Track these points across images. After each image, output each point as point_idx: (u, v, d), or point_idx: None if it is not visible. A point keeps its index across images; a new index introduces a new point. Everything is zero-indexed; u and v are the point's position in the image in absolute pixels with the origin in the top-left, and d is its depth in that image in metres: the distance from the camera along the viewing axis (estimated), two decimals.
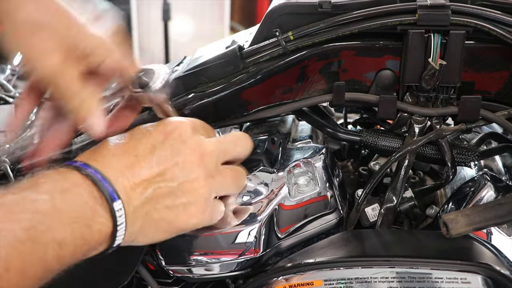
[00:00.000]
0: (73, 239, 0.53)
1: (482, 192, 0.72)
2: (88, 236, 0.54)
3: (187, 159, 0.61)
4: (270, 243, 0.70)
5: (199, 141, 0.63)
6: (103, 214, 0.55)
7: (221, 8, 4.07)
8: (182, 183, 0.61)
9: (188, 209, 0.62)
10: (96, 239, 0.55)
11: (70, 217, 0.53)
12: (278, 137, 0.85)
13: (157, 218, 0.60)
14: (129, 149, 0.60)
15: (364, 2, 0.72)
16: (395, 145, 0.78)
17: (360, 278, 0.64)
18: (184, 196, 0.61)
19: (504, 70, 0.74)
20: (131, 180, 0.58)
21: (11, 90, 1.30)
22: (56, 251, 0.51)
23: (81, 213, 0.54)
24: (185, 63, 0.82)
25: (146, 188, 0.58)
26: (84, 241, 0.54)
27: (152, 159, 0.59)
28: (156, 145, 0.61)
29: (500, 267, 0.64)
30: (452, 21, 0.69)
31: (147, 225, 0.60)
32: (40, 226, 0.51)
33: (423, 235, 0.74)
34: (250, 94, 0.76)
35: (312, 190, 0.72)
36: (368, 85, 0.77)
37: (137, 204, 0.58)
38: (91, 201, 0.55)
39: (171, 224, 0.62)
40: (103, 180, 0.56)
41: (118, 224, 0.56)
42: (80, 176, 0.56)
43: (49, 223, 0.51)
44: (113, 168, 0.57)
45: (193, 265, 0.71)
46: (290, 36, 0.73)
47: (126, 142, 0.61)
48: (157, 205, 0.60)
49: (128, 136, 0.62)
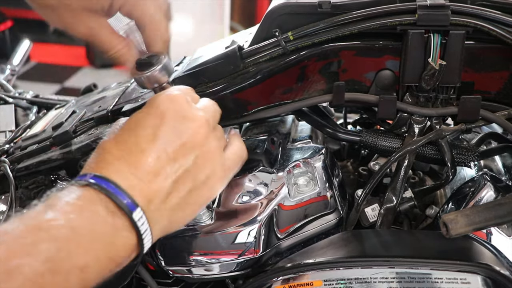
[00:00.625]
0: (97, 260, 0.50)
1: (482, 192, 0.72)
2: (113, 254, 0.52)
3: (193, 134, 0.59)
4: (269, 243, 0.70)
5: (197, 112, 0.61)
6: (124, 227, 0.52)
7: (221, 8, 4.07)
8: (195, 160, 0.58)
9: (208, 183, 0.60)
10: (122, 254, 0.53)
11: (90, 239, 0.50)
12: (277, 137, 0.85)
13: (184, 205, 0.58)
14: (132, 146, 0.57)
15: (364, 2, 0.72)
16: (395, 145, 0.78)
17: (360, 278, 0.64)
18: (202, 172, 0.59)
19: (504, 70, 0.74)
20: (145, 179, 0.55)
21: (11, 90, 1.30)
22: (79, 277, 0.49)
23: (101, 231, 0.51)
24: (185, 63, 0.82)
25: (163, 182, 0.56)
26: (109, 260, 0.52)
27: (159, 148, 0.57)
28: (156, 132, 0.58)
29: (500, 267, 0.64)
30: (452, 21, 0.69)
31: (175, 216, 0.58)
32: (59, 254, 0.48)
33: (423, 235, 0.74)
34: (250, 94, 0.76)
35: (312, 190, 0.72)
36: (368, 85, 0.77)
37: (158, 202, 0.55)
38: (109, 216, 0.52)
39: (197, 204, 0.61)
40: (117, 191, 0.53)
41: (142, 233, 0.53)
42: (93, 192, 0.53)
43: (69, 249, 0.49)
44: (123, 172, 0.55)
45: (192, 265, 0.71)
46: (290, 36, 0.73)
47: (126, 139, 0.58)
48: (180, 193, 0.57)
49: (123, 132, 0.59)
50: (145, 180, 0.55)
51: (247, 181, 0.72)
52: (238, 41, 0.79)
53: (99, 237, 0.51)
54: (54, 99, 1.23)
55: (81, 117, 0.88)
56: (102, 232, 0.51)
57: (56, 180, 0.83)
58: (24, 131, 1.01)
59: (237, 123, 0.83)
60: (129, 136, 0.58)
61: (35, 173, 0.84)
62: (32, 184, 0.84)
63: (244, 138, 0.84)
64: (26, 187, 0.84)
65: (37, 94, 1.27)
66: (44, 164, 0.83)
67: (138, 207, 0.53)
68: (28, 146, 0.90)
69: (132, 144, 0.57)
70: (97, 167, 0.56)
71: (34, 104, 1.22)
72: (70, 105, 1.02)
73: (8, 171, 0.83)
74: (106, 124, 0.84)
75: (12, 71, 1.44)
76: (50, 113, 1.06)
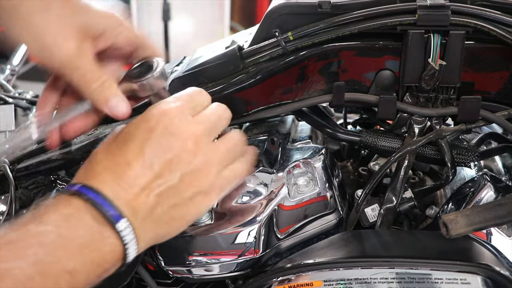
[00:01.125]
0: (85, 265, 0.52)
1: (482, 193, 0.72)
2: (100, 260, 0.53)
3: (181, 151, 0.58)
4: (269, 244, 0.70)
5: (188, 127, 0.59)
6: (110, 235, 0.54)
7: (221, 8, 4.07)
8: (182, 177, 0.58)
9: (195, 200, 0.59)
10: (109, 260, 0.54)
11: (77, 244, 0.52)
12: (277, 137, 0.85)
13: (168, 219, 0.58)
14: (119, 157, 0.57)
15: (364, 2, 0.72)
16: (395, 145, 0.78)
17: (360, 278, 0.64)
18: (188, 189, 0.58)
19: (504, 70, 0.74)
20: (130, 191, 0.55)
21: (11, 90, 1.30)
22: (68, 281, 0.50)
23: (88, 238, 0.52)
24: (185, 63, 0.82)
25: (148, 195, 0.56)
26: (96, 265, 0.53)
27: (144, 162, 0.56)
28: (144, 145, 0.57)
29: (500, 268, 0.64)
30: (452, 21, 0.69)
31: (160, 229, 0.59)
32: (48, 258, 0.49)
33: (423, 236, 0.74)
34: (250, 94, 0.76)
35: (312, 191, 0.71)
36: (368, 85, 0.77)
37: (144, 214, 0.56)
38: (95, 224, 0.53)
39: (183, 219, 0.60)
40: (103, 202, 0.54)
41: (127, 242, 0.54)
42: (80, 201, 0.54)
43: (57, 254, 0.50)
44: (110, 183, 0.55)
45: (192, 265, 0.71)
46: (290, 36, 0.73)
47: (114, 151, 0.58)
48: (164, 207, 0.57)
49: (114, 143, 0.59)
50: (130, 192, 0.56)
51: (247, 181, 0.72)
52: (238, 41, 0.79)
53: (86, 243, 0.52)
54: None
55: None
56: (88, 238, 0.53)
57: (56, 180, 0.83)
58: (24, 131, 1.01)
59: (237, 123, 0.84)
60: (118, 148, 0.58)
61: (35, 173, 0.84)
62: (32, 184, 0.84)
63: None
64: (26, 187, 0.84)
65: (37, 94, 1.27)
66: (44, 164, 0.83)
67: (124, 218, 0.54)
68: (29, 145, 0.90)
69: (120, 156, 0.57)
70: (86, 177, 0.57)
71: (34, 104, 1.22)
72: None
73: (8, 171, 0.83)
74: (106, 124, 0.84)
75: (12, 71, 1.44)
76: None
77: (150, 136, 0.58)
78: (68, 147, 0.83)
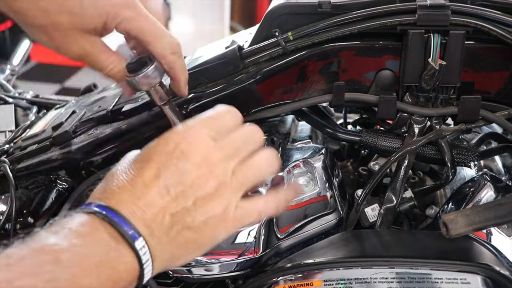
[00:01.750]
0: (100, 283, 0.51)
1: (482, 193, 0.72)
2: (116, 278, 0.53)
3: (194, 177, 0.58)
4: (269, 244, 0.70)
5: (204, 152, 0.59)
6: (126, 254, 0.53)
7: (221, 8, 4.07)
8: (195, 201, 0.58)
9: (209, 224, 0.58)
10: (124, 279, 0.54)
11: (93, 262, 0.51)
12: (277, 137, 0.85)
13: (183, 242, 0.58)
14: (137, 178, 0.58)
15: (364, 2, 0.72)
16: (395, 145, 0.78)
17: (360, 278, 0.64)
18: (201, 213, 0.58)
19: (504, 70, 0.74)
20: (147, 211, 0.56)
21: (11, 90, 1.30)
22: None
23: (104, 256, 0.52)
24: (185, 63, 0.82)
25: (164, 216, 0.56)
26: (112, 283, 0.52)
27: (160, 184, 0.57)
28: (160, 168, 0.58)
29: (500, 268, 0.64)
30: (452, 21, 0.69)
31: (176, 251, 0.58)
32: (63, 276, 0.49)
33: (423, 236, 0.74)
34: None
35: (312, 191, 0.71)
36: (368, 85, 0.77)
37: (160, 235, 0.56)
38: (113, 242, 0.53)
39: (198, 242, 0.59)
40: (121, 221, 0.54)
41: (144, 262, 0.54)
42: (97, 219, 0.54)
43: (72, 271, 0.50)
44: (127, 202, 0.56)
45: (192, 265, 0.71)
46: (290, 36, 0.73)
47: (131, 172, 0.59)
48: (179, 228, 0.57)
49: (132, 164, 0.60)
50: (147, 212, 0.56)
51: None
52: (238, 41, 0.79)
53: (102, 261, 0.52)
54: (54, 99, 1.23)
55: (81, 117, 0.88)
56: (105, 256, 0.52)
57: (56, 180, 0.83)
58: (24, 131, 1.01)
59: None
60: (135, 168, 0.59)
61: (35, 173, 0.84)
62: (32, 184, 0.84)
63: None
64: (26, 187, 0.84)
65: (37, 94, 1.27)
66: (44, 164, 0.83)
67: (141, 237, 0.54)
68: (28, 146, 0.90)
69: (137, 177, 0.58)
70: (102, 197, 0.57)
71: (34, 104, 1.22)
72: (70, 105, 1.02)
73: (8, 171, 0.83)
74: (106, 124, 0.84)
75: (12, 71, 1.44)
76: (50, 113, 1.05)
77: (167, 160, 0.58)
78: (68, 147, 0.83)
